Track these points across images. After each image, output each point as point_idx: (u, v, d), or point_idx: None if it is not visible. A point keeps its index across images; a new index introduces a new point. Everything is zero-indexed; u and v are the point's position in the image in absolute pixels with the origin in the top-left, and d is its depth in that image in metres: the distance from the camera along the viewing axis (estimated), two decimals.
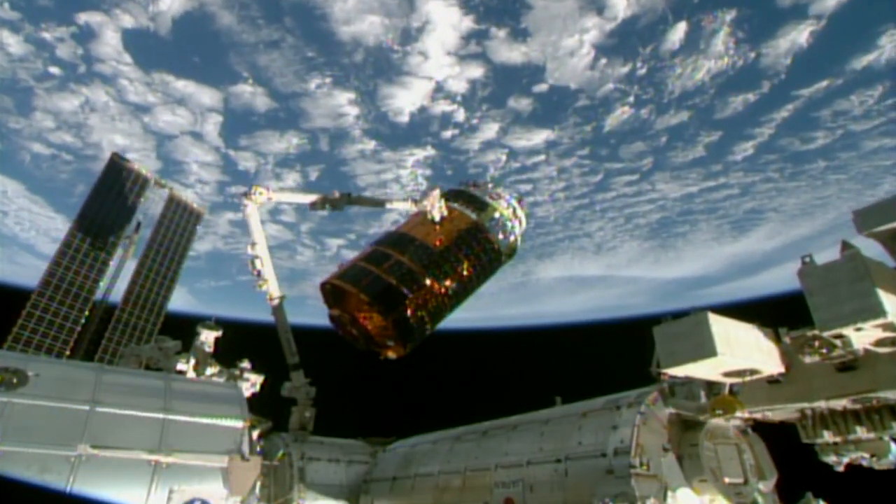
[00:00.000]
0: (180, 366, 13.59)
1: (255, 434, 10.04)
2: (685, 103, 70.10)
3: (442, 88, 69.90)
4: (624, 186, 76.41)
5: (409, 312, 13.26)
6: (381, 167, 75.48)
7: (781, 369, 6.69)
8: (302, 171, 75.55)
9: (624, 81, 69.29)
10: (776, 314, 6.93)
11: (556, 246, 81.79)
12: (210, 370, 13.82)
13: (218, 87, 65.71)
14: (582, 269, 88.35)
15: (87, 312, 22.71)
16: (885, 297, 5.30)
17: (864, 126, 64.43)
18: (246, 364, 13.62)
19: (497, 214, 15.48)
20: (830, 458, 6.99)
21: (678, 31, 63.32)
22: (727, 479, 7.11)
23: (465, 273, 14.30)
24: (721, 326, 6.19)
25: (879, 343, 5.82)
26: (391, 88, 69.21)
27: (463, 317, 14.79)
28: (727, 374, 6.70)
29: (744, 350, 6.29)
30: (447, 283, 13.90)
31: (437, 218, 14.15)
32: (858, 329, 5.51)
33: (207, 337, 14.39)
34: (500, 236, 15.38)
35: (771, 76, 65.28)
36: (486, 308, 78.51)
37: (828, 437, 6.83)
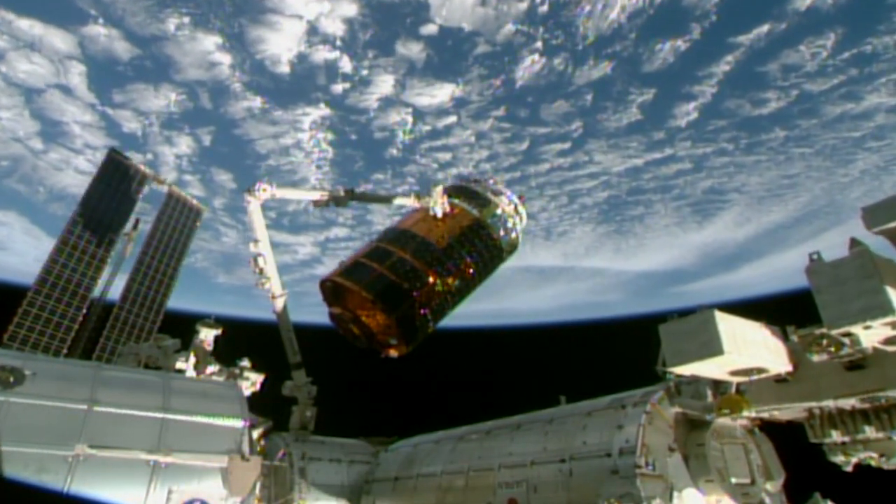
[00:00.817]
0: (179, 364, 13.54)
1: (256, 434, 9.98)
2: (604, 51, 61.57)
3: (316, 31, 61.57)
4: (557, 157, 67.91)
5: (412, 310, 13.16)
6: (276, 129, 67.74)
7: (789, 368, 6.62)
8: (193, 135, 67.64)
9: (525, 22, 60.80)
10: (783, 312, 6.87)
11: None
12: (210, 369, 13.75)
13: (67, 27, 57.50)
14: (536, 259, 79.68)
15: (84, 310, 22.61)
16: (893, 294, 5.23)
17: (822, 86, 57.56)
18: (246, 363, 13.56)
19: (499, 211, 15.43)
20: (838, 458, 6.92)
21: None
22: (734, 480, 7.07)
23: (468, 270, 14.22)
24: (728, 324, 6.12)
25: (888, 341, 5.76)
26: (259, 30, 61.54)
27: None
28: (734, 373, 6.64)
29: (751, 348, 6.23)
30: (450, 280, 13.80)
31: (440, 214, 14.07)
32: (867, 327, 5.45)
33: (207, 335, 14.34)
34: (502, 233, 15.32)
35: (699, 17, 57.80)
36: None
37: (836, 436, 6.77)
